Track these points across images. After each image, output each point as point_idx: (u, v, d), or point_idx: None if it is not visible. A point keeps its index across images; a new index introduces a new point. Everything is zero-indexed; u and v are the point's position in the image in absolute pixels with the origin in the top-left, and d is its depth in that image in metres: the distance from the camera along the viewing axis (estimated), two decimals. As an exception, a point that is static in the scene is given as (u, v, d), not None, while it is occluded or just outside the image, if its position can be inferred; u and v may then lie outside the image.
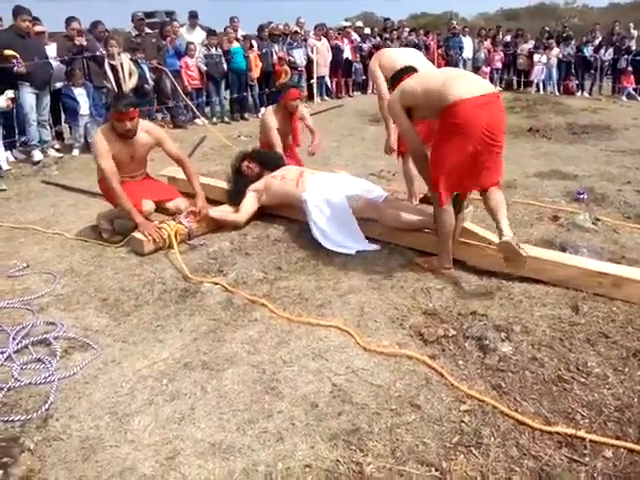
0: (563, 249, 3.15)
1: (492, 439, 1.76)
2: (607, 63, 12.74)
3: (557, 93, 12.59)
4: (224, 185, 4.15)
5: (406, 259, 3.19)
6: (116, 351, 2.37)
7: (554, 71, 12.79)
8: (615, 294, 2.61)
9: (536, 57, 12.63)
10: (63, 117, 6.89)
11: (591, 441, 1.72)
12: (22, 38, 5.66)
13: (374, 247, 3.34)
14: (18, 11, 5.56)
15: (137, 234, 3.37)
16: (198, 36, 8.66)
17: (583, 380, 2.03)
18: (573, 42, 12.99)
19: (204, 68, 8.14)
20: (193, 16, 8.84)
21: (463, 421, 1.85)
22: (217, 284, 2.95)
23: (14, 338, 2.38)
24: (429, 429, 1.82)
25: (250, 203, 3.70)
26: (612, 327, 2.38)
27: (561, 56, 12.68)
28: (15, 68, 5.45)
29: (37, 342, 2.39)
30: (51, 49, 6.41)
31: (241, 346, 2.37)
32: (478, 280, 2.90)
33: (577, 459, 1.67)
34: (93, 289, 2.94)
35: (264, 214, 3.89)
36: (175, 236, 3.38)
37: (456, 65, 12.71)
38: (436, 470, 1.64)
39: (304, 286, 2.92)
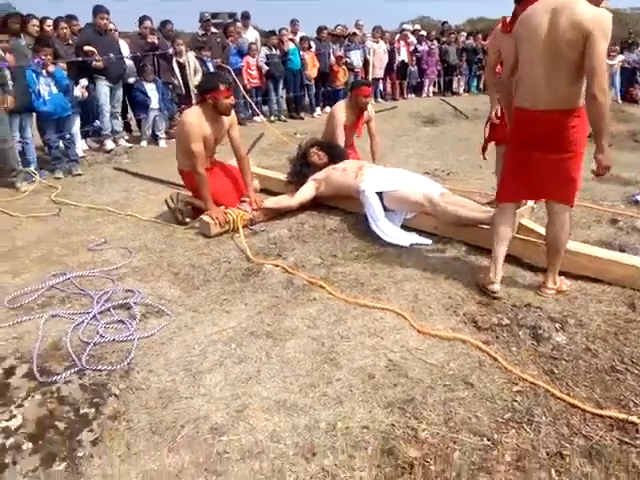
0: (622, 250, 3.13)
1: (543, 418, 1.83)
2: (678, 72, 12.24)
3: (619, 101, 12.16)
4: (281, 177, 4.35)
5: (460, 253, 3.26)
6: (188, 318, 2.58)
7: (617, 78, 12.38)
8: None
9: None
10: (130, 110, 7.32)
11: (645, 427, 1.77)
12: (100, 35, 6.09)
13: (428, 241, 3.43)
14: (97, 10, 5.99)
15: (205, 217, 3.60)
16: (251, 36, 8.96)
17: (637, 372, 2.06)
18: (639, 49, 12.54)
19: (265, 68, 8.42)
20: (245, 17, 9.17)
21: (515, 400, 1.93)
22: (278, 266, 3.13)
23: (97, 302, 2.64)
24: (481, 405, 1.91)
25: (306, 191, 3.87)
26: (670, 326, 2.39)
27: (626, 63, 12.27)
28: (93, 63, 5.87)
29: (118, 306, 2.63)
30: (124, 46, 6.84)
31: (301, 321, 2.52)
32: (534, 276, 2.94)
33: (628, 441, 1.72)
34: (166, 264, 3.19)
35: (321, 205, 4.05)
36: (239, 221, 3.59)
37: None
38: (488, 440, 1.74)
39: (360, 272, 3.05)
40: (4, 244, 3.57)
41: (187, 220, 3.88)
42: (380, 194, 3.56)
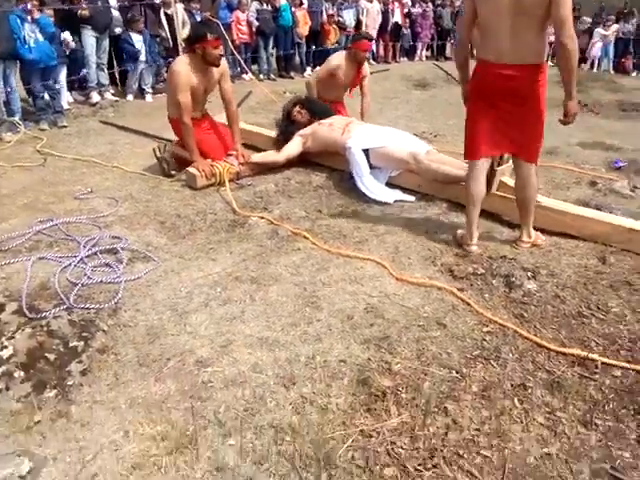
0: (598, 209, 3.23)
1: (510, 355, 1.95)
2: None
3: (612, 71, 12.14)
4: (269, 134, 4.36)
5: (442, 210, 3.34)
6: (174, 264, 2.64)
7: (611, 48, 12.33)
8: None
9: (595, 36, 12.15)
10: (115, 63, 7.17)
11: (602, 363, 1.89)
12: (87, -18, 5.92)
13: (412, 198, 3.50)
14: (84, -44, 5.80)
15: (191, 169, 3.62)
16: None
17: (602, 317, 2.18)
18: (635, 20, 12.44)
19: (256, 23, 8.26)
20: None
21: (484, 339, 2.04)
22: (263, 218, 3.18)
23: (84, 246, 2.68)
24: (452, 343, 2.02)
25: (293, 146, 3.90)
26: (636, 277, 2.50)
27: (620, 33, 12.20)
28: (79, 11, 5.72)
29: (105, 251, 2.68)
30: (111, -4, 6.65)
31: (285, 268, 2.60)
32: (511, 232, 3.03)
33: (588, 376, 1.85)
34: (152, 213, 3.23)
35: (307, 162, 4.08)
36: (226, 174, 3.62)
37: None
38: (457, 373, 1.85)
39: (343, 226, 3.12)
40: (-11, 192, 3.57)
41: (173, 172, 3.90)
42: (366, 151, 3.59)
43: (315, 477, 1.46)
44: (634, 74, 12.10)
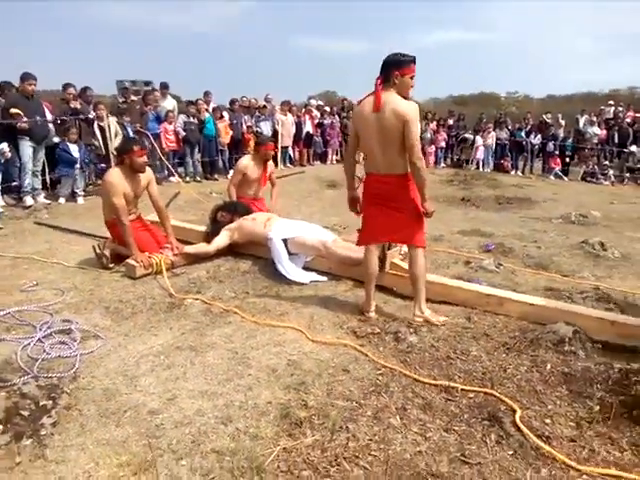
0: (468, 282, 4.09)
1: (396, 388, 2.57)
2: (537, 147, 14.73)
3: (492, 170, 14.30)
4: (199, 229, 5.01)
5: (348, 287, 4.06)
6: (121, 340, 3.07)
7: (490, 152, 14.63)
8: (498, 310, 3.53)
9: (476, 140, 14.42)
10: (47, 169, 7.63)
11: (462, 389, 2.56)
12: (27, 99, 6.53)
13: (324, 278, 4.20)
14: (26, 76, 6.49)
15: (130, 260, 4.12)
16: (169, 104, 9.79)
17: (464, 359, 2.89)
18: (508, 128, 14.95)
19: (183, 133, 9.16)
20: (164, 86, 10.07)
21: (378, 379, 2.66)
22: (197, 299, 3.71)
23: (40, 328, 3.05)
24: (354, 383, 2.62)
25: (221, 238, 4.54)
26: (493, 330, 3.28)
27: (497, 139, 14.57)
28: (18, 124, 6.26)
29: (59, 331, 3.06)
30: (47, 110, 7.27)
31: (219, 338, 3.12)
32: (402, 301, 3.77)
33: (450, 399, 2.50)
34: (96, 300, 3.65)
35: (235, 252, 4.71)
36: (162, 264, 4.15)
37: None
38: (356, 403, 2.43)
39: (267, 302, 3.72)
40: None
41: (111, 266, 4.36)
42: (285, 240, 4.31)
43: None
44: (512, 172, 14.33)
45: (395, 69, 3.09)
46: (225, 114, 10.31)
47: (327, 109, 13.79)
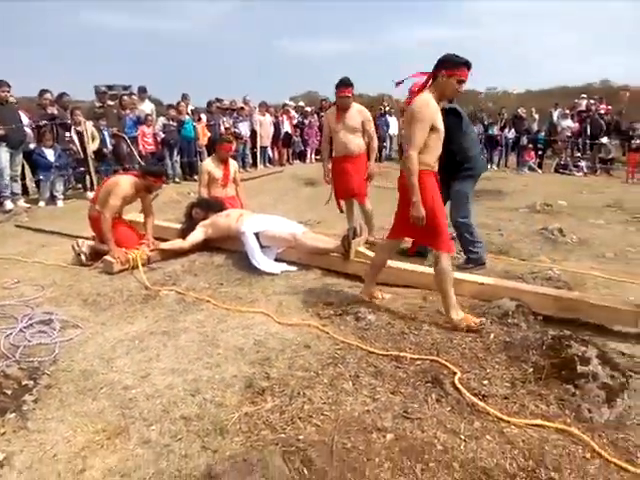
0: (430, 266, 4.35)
1: (351, 359, 2.82)
2: (511, 141, 15.12)
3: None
4: (177, 227, 5.21)
5: (316, 275, 4.29)
6: (98, 328, 3.28)
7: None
8: (455, 291, 3.79)
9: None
10: (28, 173, 7.78)
11: (411, 358, 2.81)
12: (1, 105, 6.66)
13: (294, 268, 4.43)
14: (-1, 84, 6.62)
15: (108, 257, 4.32)
16: (147, 107, 9.95)
17: (416, 333, 3.14)
18: (483, 123, 15.28)
19: (162, 135, 9.33)
20: (142, 90, 10.24)
21: (336, 353, 2.90)
22: (172, 290, 3.93)
23: (21, 320, 3.24)
24: (314, 357, 2.86)
25: (196, 234, 4.76)
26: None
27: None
28: (-6, 131, 6.41)
29: (39, 322, 3.26)
30: (23, 116, 7.40)
31: (191, 323, 3.34)
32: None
33: (400, 366, 2.75)
34: (75, 294, 3.84)
35: (209, 247, 4.92)
36: (139, 259, 4.35)
37: (383, 140, 14.66)
38: (314, 373, 2.67)
39: (240, 291, 3.94)
40: None
41: (89, 263, 4.55)
42: (257, 234, 4.54)
43: (213, 439, 2.17)
44: (487, 167, 14.66)
45: (443, 68, 3.01)
46: (203, 116, 10.50)
47: (308, 109, 14.02)
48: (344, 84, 4.88)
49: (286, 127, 12.76)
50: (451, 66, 3.01)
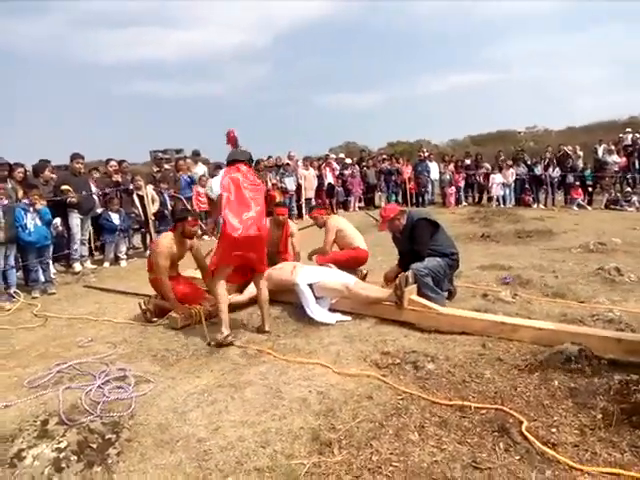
0: (485, 312, 4.36)
1: (415, 410, 2.85)
2: (556, 179, 14.92)
3: (513, 205, 14.48)
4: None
5: (370, 324, 4.37)
6: (169, 382, 3.46)
7: (511, 188, 14.87)
8: (512, 336, 3.78)
9: (492, 177, 14.76)
10: (92, 236, 8.34)
11: (475, 407, 2.82)
12: (75, 176, 7.30)
13: (348, 317, 4.54)
14: (75, 156, 7.31)
15: (173, 313, 4.56)
16: (200, 169, 10.55)
17: (478, 381, 3.15)
18: (526, 163, 15.20)
19: (214, 195, 9.83)
20: (196, 154, 10.91)
21: (399, 403, 2.95)
22: (233, 344, 4.09)
23: (99, 377, 3.47)
24: (377, 408, 2.91)
25: (252, 288, 4.94)
26: (506, 355, 3.53)
27: (515, 175, 14.84)
28: (68, 199, 6.98)
29: (115, 378, 3.48)
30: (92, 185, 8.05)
31: (255, 376, 3.47)
32: (421, 334, 4.06)
33: (464, 416, 2.76)
34: (145, 350, 4.07)
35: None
36: (202, 314, 4.58)
37: (425, 186, 14.82)
38: (379, 424, 2.72)
39: (297, 342, 4.07)
40: (4, 349, 4.32)
41: (155, 320, 4.81)
42: (311, 285, 4.70)
43: (287, 490, 2.25)
44: (534, 206, 14.49)
45: None
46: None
47: (348, 161, 14.42)
48: None
49: (329, 178, 13.14)
50: None
